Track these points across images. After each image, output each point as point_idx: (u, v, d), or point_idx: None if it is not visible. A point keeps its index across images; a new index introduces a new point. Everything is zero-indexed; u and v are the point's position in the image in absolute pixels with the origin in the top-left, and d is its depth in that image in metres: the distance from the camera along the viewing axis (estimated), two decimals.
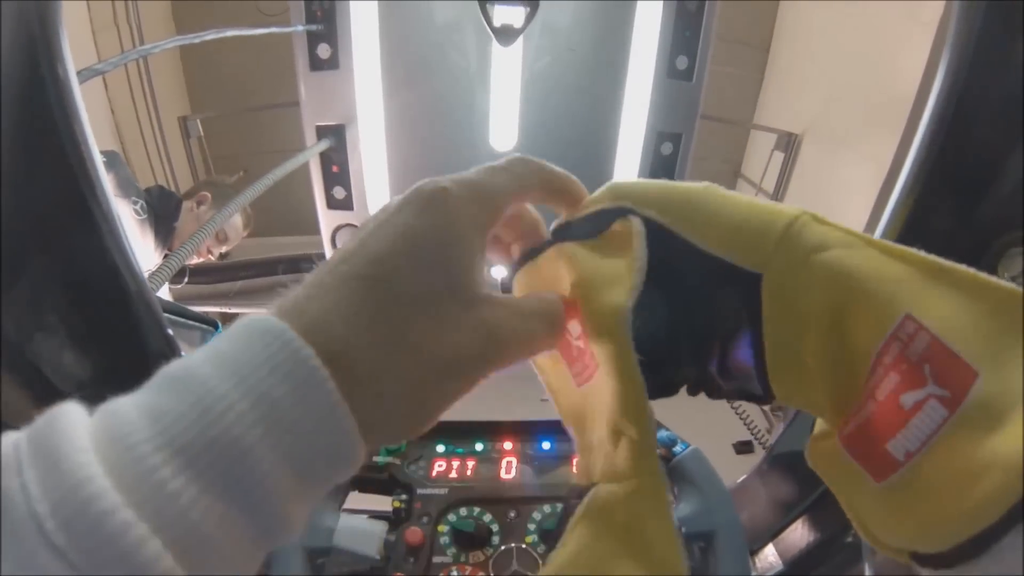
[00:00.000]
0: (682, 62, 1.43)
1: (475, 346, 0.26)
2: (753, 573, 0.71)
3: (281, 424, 0.20)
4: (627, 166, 1.54)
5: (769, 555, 0.72)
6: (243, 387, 0.20)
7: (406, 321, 0.24)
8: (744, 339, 0.30)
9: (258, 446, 0.20)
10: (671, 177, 1.56)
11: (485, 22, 1.19)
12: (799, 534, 0.69)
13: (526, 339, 0.29)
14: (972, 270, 0.25)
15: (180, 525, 0.18)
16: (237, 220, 1.91)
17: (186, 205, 1.88)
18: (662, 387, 0.35)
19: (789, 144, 2.48)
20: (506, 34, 1.21)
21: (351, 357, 0.23)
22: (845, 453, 0.26)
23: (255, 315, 0.23)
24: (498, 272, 0.42)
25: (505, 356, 0.27)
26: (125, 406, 0.20)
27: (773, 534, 0.72)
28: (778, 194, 2.55)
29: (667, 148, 1.52)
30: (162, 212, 1.81)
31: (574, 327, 0.31)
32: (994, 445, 0.20)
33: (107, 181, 0.44)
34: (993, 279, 0.24)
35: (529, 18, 1.20)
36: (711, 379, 0.34)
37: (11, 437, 0.19)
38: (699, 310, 0.33)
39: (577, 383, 0.32)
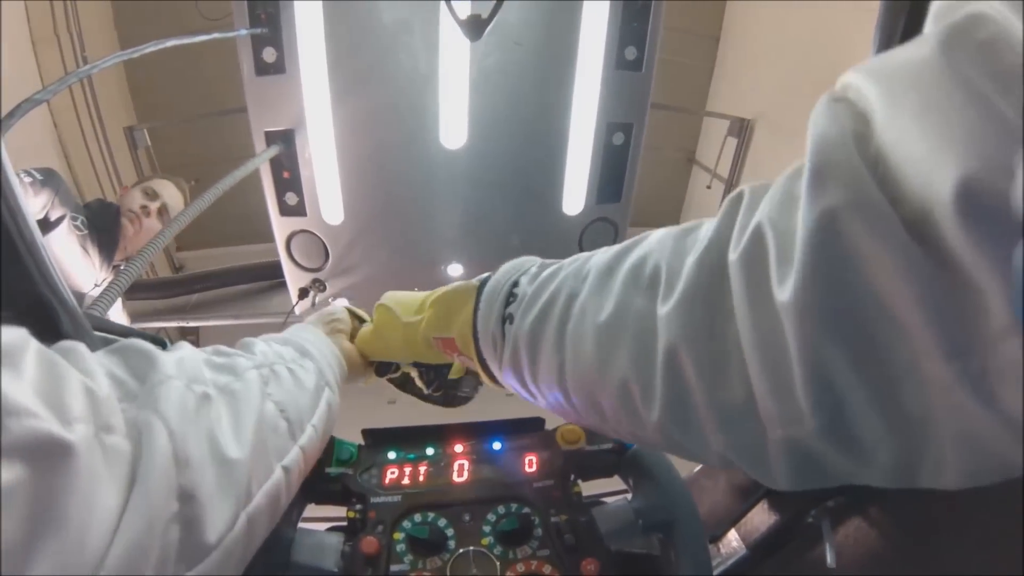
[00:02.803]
0: (631, 53, 1.44)
1: None
2: (716, 559, 0.71)
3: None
4: (579, 158, 1.54)
5: (732, 540, 0.72)
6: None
7: None
8: None
9: None
10: (623, 166, 1.58)
11: (452, 17, 1.18)
12: (760, 518, 0.70)
13: None
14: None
15: None
16: (178, 199, 1.88)
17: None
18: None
19: (742, 130, 2.51)
20: (474, 26, 1.19)
21: None
22: None
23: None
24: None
25: None
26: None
27: (734, 519, 0.72)
28: (733, 179, 2.58)
29: (618, 138, 1.52)
30: (101, 225, 1.77)
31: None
32: None
33: (30, 209, 0.42)
34: None
35: (496, 8, 1.18)
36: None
37: None
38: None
39: None
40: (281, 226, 1.59)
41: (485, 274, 0.53)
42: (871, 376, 0.25)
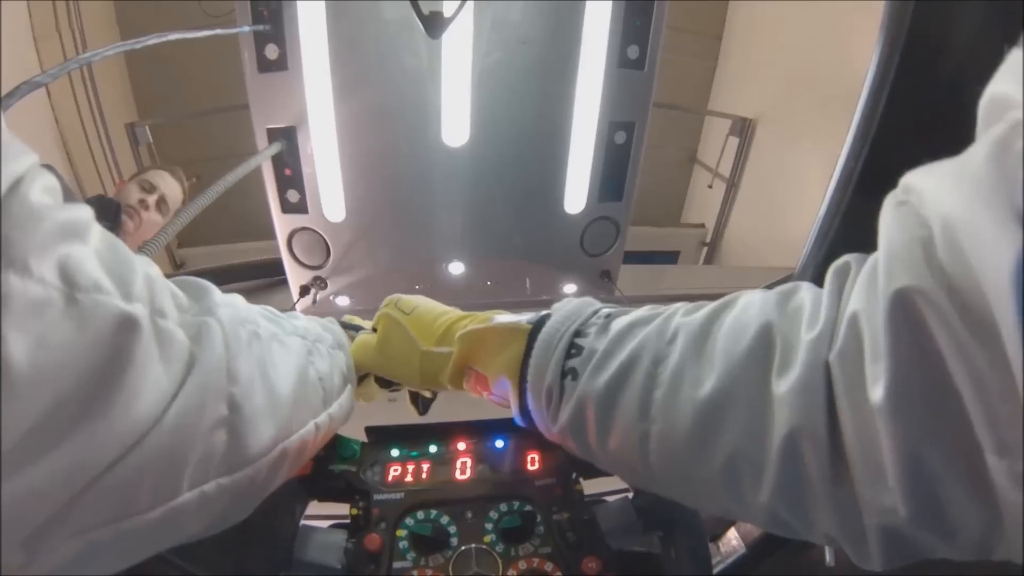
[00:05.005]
0: (633, 51, 1.43)
1: None
2: (716, 557, 0.71)
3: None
4: (581, 156, 1.54)
5: (732, 539, 0.73)
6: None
7: None
8: None
9: None
10: (625, 165, 1.58)
11: (416, 13, 1.18)
12: None
13: None
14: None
15: None
16: (176, 189, 1.88)
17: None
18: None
19: (744, 129, 2.51)
20: (434, 24, 1.19)
21: None
22: None
23: None
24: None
25: None
26: None
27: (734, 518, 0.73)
28: (734, 178, 2.58)
29: (620, 137, 1.52)
30: (103, 221, 1.76)
31: None
32: None
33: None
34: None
35: (460, 8, 1.18)
36: None
37: None
38: None
39: None
40: (283, 223, 1.58)
41: (533, 315, 0.50)
42: (959, 465, 0.26)
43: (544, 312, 0.49)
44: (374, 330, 0.62)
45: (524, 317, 0.50)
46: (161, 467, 0.28)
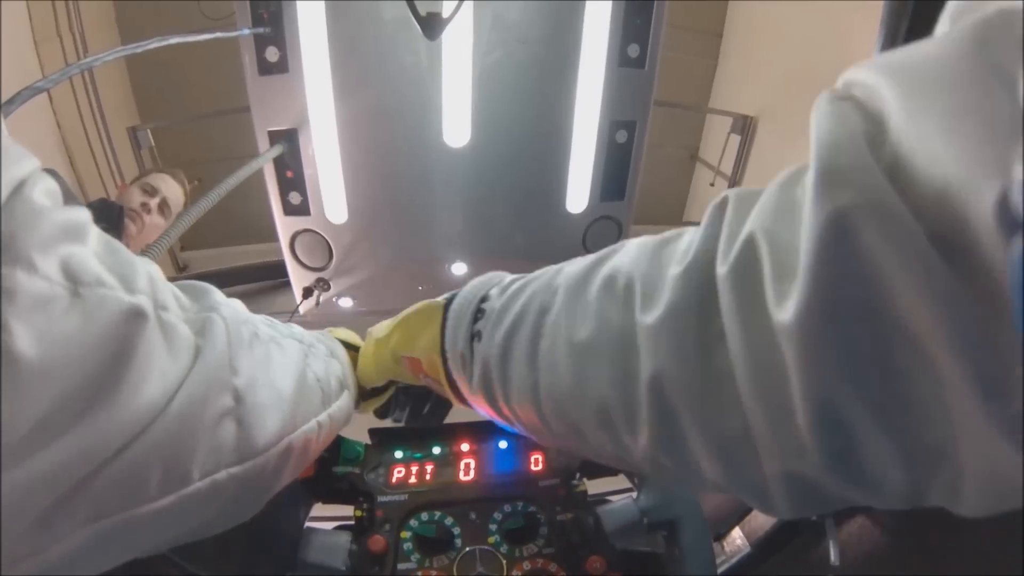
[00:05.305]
0: (634, 50, 1.44)
1: None
2: (720, 557, 0.71)
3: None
4: (582, 156, 1.54)
5: (736, 538, 0.72)
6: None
7: None
8: None
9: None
10: (626, 164, 1.58)
11: (412, 14, 1.18)
12: (764, 516, 0.70)
13: None
14: None
15: None
16: (178, 192, 1.88)
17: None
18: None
19: (745, 127, 2.51)
20: (432, 25, 1.19)
21: None
22: None
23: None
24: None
25: None
26: None
27: (739, 517, 0.73)
28: (736, 176, 2.58)
29: (622, 136, 1.52)
30: (105, 225, 1.76)
31: None
32: None
33: None
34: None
35: (457, 7, 1.18)
36: None
37: None
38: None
39: None
40: (285, 225, 1.59)
41: (452, 292, 0.51)
42: (887, 410, 0.23)
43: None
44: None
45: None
46: (169, 454, 0.29)
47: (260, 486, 0.38)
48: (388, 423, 0.67)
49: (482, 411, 0.49)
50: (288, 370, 0.41)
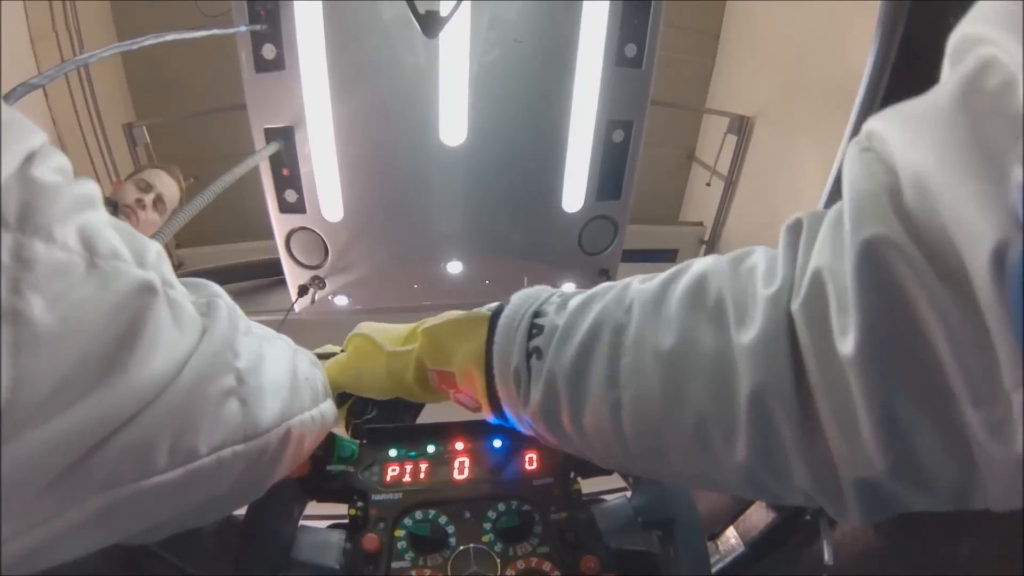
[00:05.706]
0: (631, 50, 1.44)
1: None
2: (715, 556, 0.72)
3: None
4: (579, 155, 1.54)
5: (731, 537, 0.73)
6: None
7: None
8: None
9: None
10: (623, 164, 1.58)
11: (412, 12, 1.17)
12: (758, 515, 0.71)
13: None
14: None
15: None
16: (173, 188, 1.88)
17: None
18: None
19: (742, 127, 2.51)
20: (430, 24, 1.19)
21: None
22: None
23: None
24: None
25: None
26: None
27: (733, 517, 0.73)
28: (732, 176, 2.58)
29: (618, 136, 1.52)
30: None
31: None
32: None
33: None
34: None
35: (456, 6, 1.18)
36: None
37: None
38: None
39: None
40: (281, 223, 1.59)
41: (493, 304, 0.49)
42: (934, 415, 0.26)
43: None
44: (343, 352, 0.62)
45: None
46: (177, 427, 0.29)
47: (262, 467, 0.39)
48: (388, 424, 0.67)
49: (533, 431, 0.47)
50: (280, 363, 0.42)
